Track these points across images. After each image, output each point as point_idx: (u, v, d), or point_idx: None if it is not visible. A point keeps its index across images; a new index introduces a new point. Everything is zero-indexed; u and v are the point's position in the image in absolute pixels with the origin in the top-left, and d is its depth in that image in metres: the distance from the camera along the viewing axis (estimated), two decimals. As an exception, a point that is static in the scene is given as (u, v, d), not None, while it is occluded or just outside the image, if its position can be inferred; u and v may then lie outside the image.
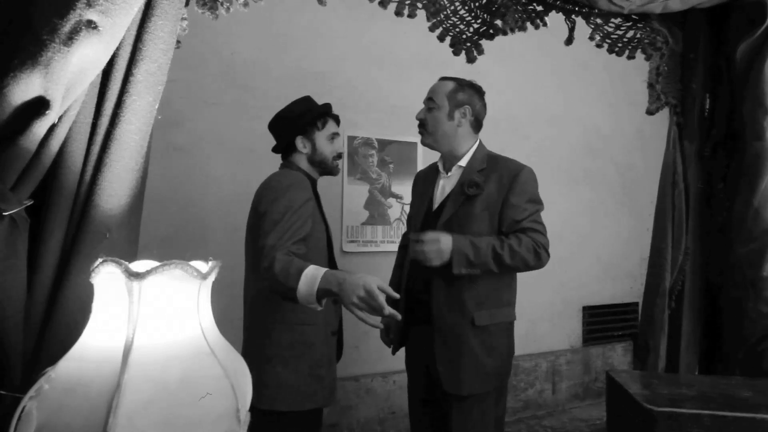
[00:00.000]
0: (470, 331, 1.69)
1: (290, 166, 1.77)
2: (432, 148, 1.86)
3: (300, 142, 1.75)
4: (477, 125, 1.85)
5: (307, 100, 1.82)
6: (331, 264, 1.76)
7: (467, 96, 1.80)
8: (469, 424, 1.69)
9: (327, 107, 1.80)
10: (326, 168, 1.80)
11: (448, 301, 1.71)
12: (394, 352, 1.98)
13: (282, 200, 1.57)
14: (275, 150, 1.83)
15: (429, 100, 1.82)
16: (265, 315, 1.65)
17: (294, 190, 1.60)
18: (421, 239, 1.63)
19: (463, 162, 1.80)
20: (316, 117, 1.76)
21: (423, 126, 1.83)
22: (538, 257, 1.68)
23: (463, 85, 1.81)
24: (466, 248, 1.62)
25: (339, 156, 1.82)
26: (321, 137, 1.76)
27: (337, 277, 1.33)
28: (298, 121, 1.75)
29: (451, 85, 1.80)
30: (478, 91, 1.84)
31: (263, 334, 1.64)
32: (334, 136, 1.80)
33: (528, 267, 1.69)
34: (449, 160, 1.84)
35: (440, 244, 1.61)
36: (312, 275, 1.36)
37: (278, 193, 1.59)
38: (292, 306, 1.56)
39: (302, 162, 1.77)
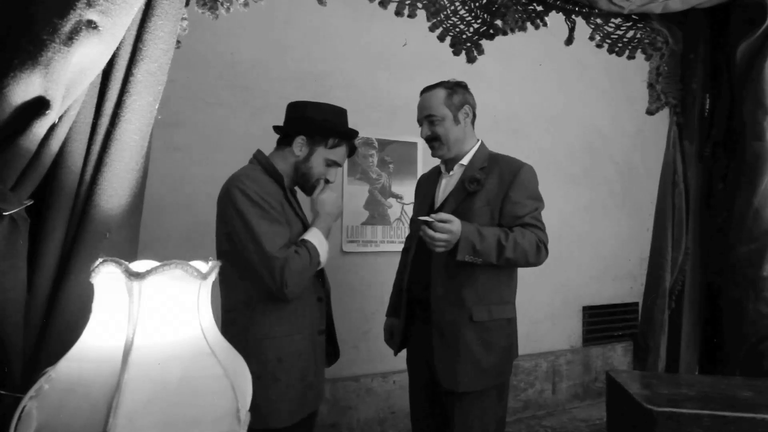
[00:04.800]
0: (468, 326, 1.68)
1: (264, 162, 1.60)
2: (445, 158, 1.84)
3: (299, 142, 1.61)
4: (474, 119, 1.86)
5: (340, 113, 1.69)
6: None
7: (461, 96, 1.80)
8: (469, 421, 1.69)
9: (352, 134, 1.67)
10: (304, 184, 1.66)
11: (447, 296, 1.71)
12: (396, 353, 1.98)
13: (250, 210, 1.46)
14: (277, 129, 1.69)
15: (429, 116, 1.78)
16: (246, 329, 1.49)
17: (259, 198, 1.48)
18: (433, 224, 1.57)
19: (465, 161, 1.82)
20: (332, 133, 1.62)
21: (435, 140, 1.79)
22: (539, 253, 1.68)
23: (452, 87, 1.80)
24: (473, 236, 1.60)
25: (326, 181, 1.67)
26: (321, 154, 1.62)
27: (320, 222, 1.59)
28: (315, 122, 1.62)
29: (441, 92, 1.78)
30: (465, 86, 1.84)
31: (248, 351, 1.43)
32: (334, 164, 1.66)
33: (528, 262, 1.67)
34: (452, 160, 1.84)
35: (451, 235, 1.56)
36: (317, 242, 1.54)
37: (245, 203, 1.47)
38: (277, 317, 1.50)
39: (287, 162, 1.63)
